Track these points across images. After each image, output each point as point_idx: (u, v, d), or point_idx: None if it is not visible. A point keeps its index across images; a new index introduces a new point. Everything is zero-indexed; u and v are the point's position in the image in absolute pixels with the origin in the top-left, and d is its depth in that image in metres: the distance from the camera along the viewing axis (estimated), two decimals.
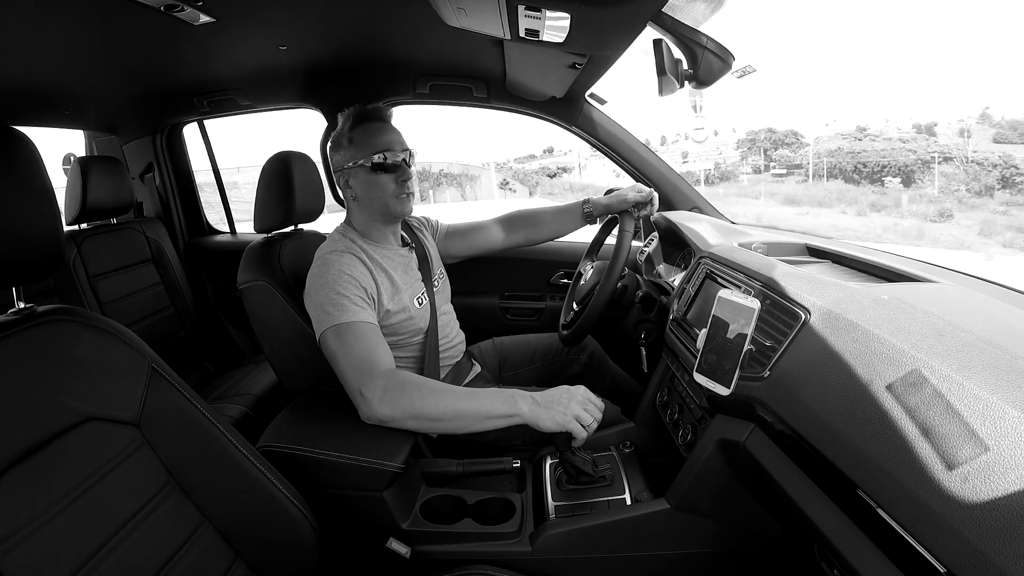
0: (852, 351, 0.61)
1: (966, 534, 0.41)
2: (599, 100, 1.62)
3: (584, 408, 0.88)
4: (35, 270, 0.59)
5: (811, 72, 49.25)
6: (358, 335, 0.93)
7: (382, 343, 0.96)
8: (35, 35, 1.13)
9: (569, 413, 0.87)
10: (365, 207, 1.11)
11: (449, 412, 0.87)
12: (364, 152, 1.06)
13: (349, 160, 1.08)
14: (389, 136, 1.08)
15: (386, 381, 0.88)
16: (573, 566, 0.92)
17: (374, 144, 1.06)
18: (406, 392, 0.87)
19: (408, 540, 0.92)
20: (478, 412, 0.87)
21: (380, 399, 0.87)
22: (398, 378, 0.89)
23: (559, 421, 0.86)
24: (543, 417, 0.86)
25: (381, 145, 1.06)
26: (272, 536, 0.72)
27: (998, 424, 0.44)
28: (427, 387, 0.89)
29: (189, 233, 2.18)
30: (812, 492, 0.61)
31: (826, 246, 1.10)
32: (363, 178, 1.08)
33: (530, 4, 0.79)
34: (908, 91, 50.12)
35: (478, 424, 0.88)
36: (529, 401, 0.88)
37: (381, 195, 1.08)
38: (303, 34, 1.33)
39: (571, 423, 0.86)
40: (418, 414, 0.87)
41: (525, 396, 0.89)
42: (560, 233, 1.43)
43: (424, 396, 0.87)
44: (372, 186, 1.08)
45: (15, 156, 0.56)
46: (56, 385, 0.58)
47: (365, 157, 1.06)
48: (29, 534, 0.50)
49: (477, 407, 0.87)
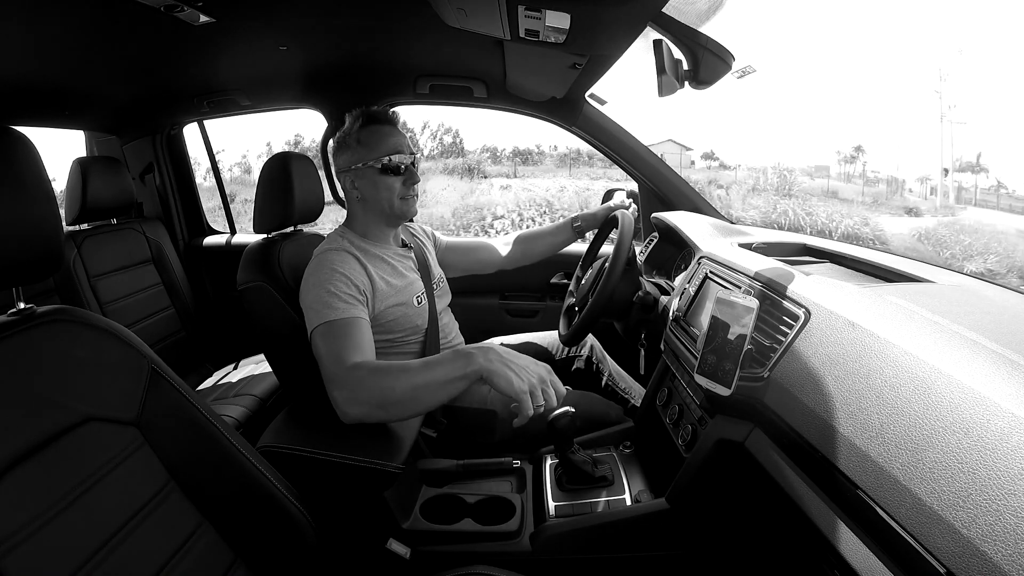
0: (852, 351, 0.61)
1: (966, 534, 0.41)
2: (599, 100, 1.62)
3: (542, 387, 0.80)
4: (35, 270, 0.59)
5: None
6: (340, 333, 0.91)
7: (364, 339, 0.93)
8: (35, 35, 1.13)
9: (527, 383, 0.78)
10: (370, 208, 1.11)
11: (408, 390, 0.82)
12: (373, 154, 1.08)
13: (357, 161, 1.09)
14: (398, 139, 1.09)
15: (350, 379, 0.85)
16: (573, 566, 0.92)
17: (384, 146, 1.08)
18: (364, 385, 0.84)
19: (408, 540, 0.92)
20: (436, 380, 0.81)
21: (346, 399, 0.84)
22: (358, 372, 0.85)
23: (515, 385, 0.77)
24: (499, 372, 0.78)
25: (391, 147, 1.08)
26: (272, 536, 0.72)
27: (997, 423, 0.44)
28: (382, 371, 0.85)
29: (189, 233, 2.18)
30: (812, 492, 0.61)
31: (825, 246, 1.10)
32: (371, 179, 1.09)
33: (530, 4, 0.79)
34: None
35: (442, 392, 0.81)
36: (487, 355, 0.81)
37: (388, 196, 1.09)
38: (303, 34, 1.33)
39: (524, 395, 0.77)
40: (380, 402, 0.83)
41: (485, 350, 0.82)
42: (554, 247, 1.46)
43: (380, 382, 0.83)
44: (380, 187, 1.09)
45: (15, 156, 0.56)
46: (56, 385, 0.58)
47: (374, 159, 1.07)
48: (29, 534, 0.50)
49: (434, 376, 0.81)
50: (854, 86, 59.39)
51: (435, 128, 24.46)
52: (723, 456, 0.81)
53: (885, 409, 0.53)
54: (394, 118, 1.13)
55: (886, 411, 0.53)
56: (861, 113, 49.19)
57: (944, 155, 20.99)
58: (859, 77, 61.99)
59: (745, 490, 0.82)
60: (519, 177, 18.86)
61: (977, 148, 19.85)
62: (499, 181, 16.15)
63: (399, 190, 1.09)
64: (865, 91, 57.16)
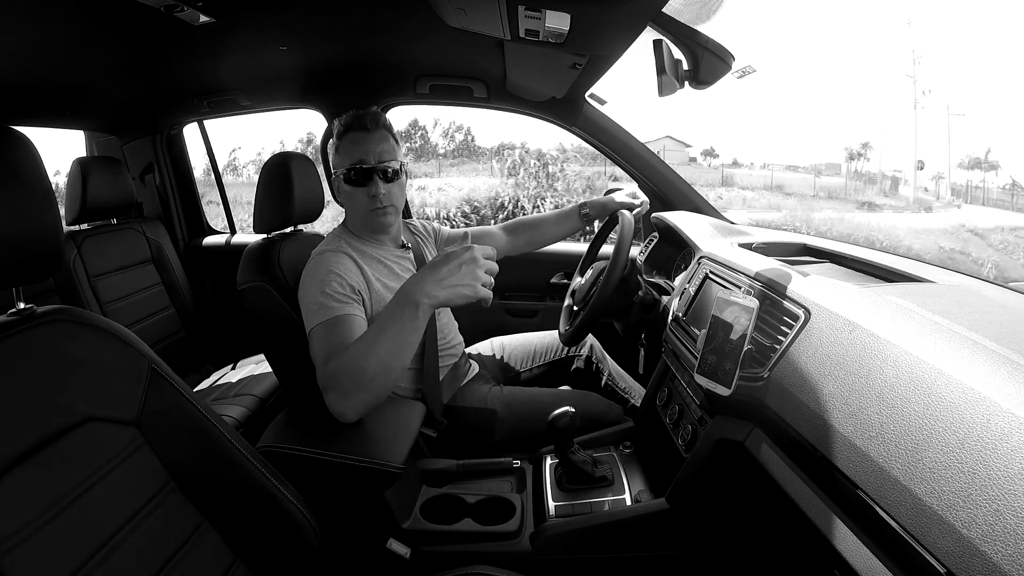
0: (852, 351, 0.61)
1: (966, 534, 0.41)
2: (599, 100, 1.62)
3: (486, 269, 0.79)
4: (35, 270, 0.59)
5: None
6: (334, 332, 0.91)
7: (355, 335, 0.91)
8: (35, 35, 1.13)
9: (473, 281, 0.77)
10: (349, 216, 1.12)
11: (376, 361, 0.79)
12: (344, 162, 1.04)
13: (335, 168, 1.08)
14: (365, 146, 1.03)
15: (329, 376, 0.83)
16: (573, 566, 0.92)
17: (351, 154, 1.03)
18: (340, 376, 0.82)
19: (408, 540, 0.92)
20: (392, 337, 0.79)
21: (335, 398, 0.83)
22: (332, 367, 0.83)
23: (468, 293, 0.77)
24: (451, 298, 0.77)
25: (355, 155, 1.02)
26: (272, 536, 0.72)
27: (997, 423, 0.44)
28: (348, 354, 0.82)
29: (189, 233, 2.18)
30: (812, 492, 0.61)
31: (825, 246, 1.10)
32: (342, 188, 1.08)
33: (530, 4, 0.79)
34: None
35: (406, 345, 0.79)
36: (415, 285, 0.78)
37: (355, 206, 1.07)
38: (303, 34, 1.33)
39: (481, 291, 0.77)
40: (359, 384, 0.81)
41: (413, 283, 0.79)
42: (560, 236, 1.43)
43: (350, 367, 0.81)
44: (348, 198, 1.08)
45: (15, 156, 0.56)
46: (56, 385, 0.58)
47: (344, 168, 1.04)
48: (29, 534, 0.50)
49: (388, 335, 0.79)
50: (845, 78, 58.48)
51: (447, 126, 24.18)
52: (723, 456, 0.81)
53: (885, 409, 0.53)
54: (372, 122, 1.05)
55: (886, 411, 0.53)
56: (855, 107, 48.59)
57: (919, 147, 20.40)
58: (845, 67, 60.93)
59: (745, 490, 0.82)
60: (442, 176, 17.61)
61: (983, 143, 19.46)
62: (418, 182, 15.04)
63: (365, 202, 1.04)
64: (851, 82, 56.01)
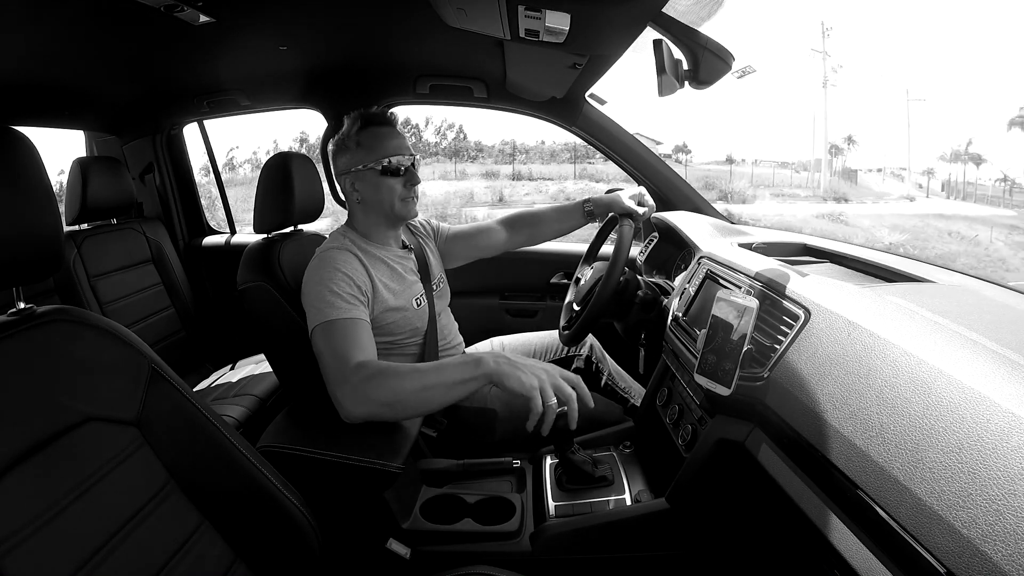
0: (852, 351, 0.61)
1: (966, 534, 0.41)
2: (599, 100, 1.62)
3: (552, 382, 0.80)
4: (35, 270, 0.59)
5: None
6: (342, 332, 0.92)
7: (366, 339, 0.94)
8: (35, 35, 1.13)
9: (537, 381, 0.78)
10: (371, 209, 1.11)
11: (417, 390, 0.83)
12: (373, 156, 1.08)
13: (357, 163, 1.09)
14: (398, 140, 1.10)
15: (356, 378, 0.85)
16: (573, 566, 0.92)
17: (384, 148, 1.08)
18: (372, 384, 0.84)
19: (408, 540, 0.92)
20: (445, 382, 0.82)
21: (351, 398, 0.84)
22: (365, 371, 0.86)
23: (525, 383, 0.78)
24: (509, 374, 0.79)
25: (391, 150, 1.08)
26: (272, 536, 0.72)
27: (997, 423, 0.44)
28: (391, 372, 0.85)
29: (189, 233, 2.18)
30: (812, 492, 0.61)
31: (825, 246, 1.11)
32: (372, 181, 1.09)
33: (530, 4, 0.79)
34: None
35: (450, 393, 0.83)
36: (496, 358, 0.82)
37: (388, 198, 1.09)
38: (303, 34, 1.33)
39: (534, 392, 0.77)
40: (389, 401, 0.83)
41: (494, 354, 0.83)
42: (561, 232, 1.42)
43: (390, 382, 0.84)
44: (380, 189, 1.09)
45: (15, 156, 0.56)
46: (56, 385, 0.58)
47: (375, 160, 1.08)
48: (29, 534, 0.50)
49: (444, 377, 0.83)
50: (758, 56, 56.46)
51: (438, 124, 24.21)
52: (723, 456, 0.81)
53: (885, 409, 0.53)
54: (392, 119, 1.13)
55: (886, 411, 0.53)
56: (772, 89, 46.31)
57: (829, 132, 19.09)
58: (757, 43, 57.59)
59: (745, 490, 0.82)
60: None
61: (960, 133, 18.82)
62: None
63: (400, 191, 1.10)
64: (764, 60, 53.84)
